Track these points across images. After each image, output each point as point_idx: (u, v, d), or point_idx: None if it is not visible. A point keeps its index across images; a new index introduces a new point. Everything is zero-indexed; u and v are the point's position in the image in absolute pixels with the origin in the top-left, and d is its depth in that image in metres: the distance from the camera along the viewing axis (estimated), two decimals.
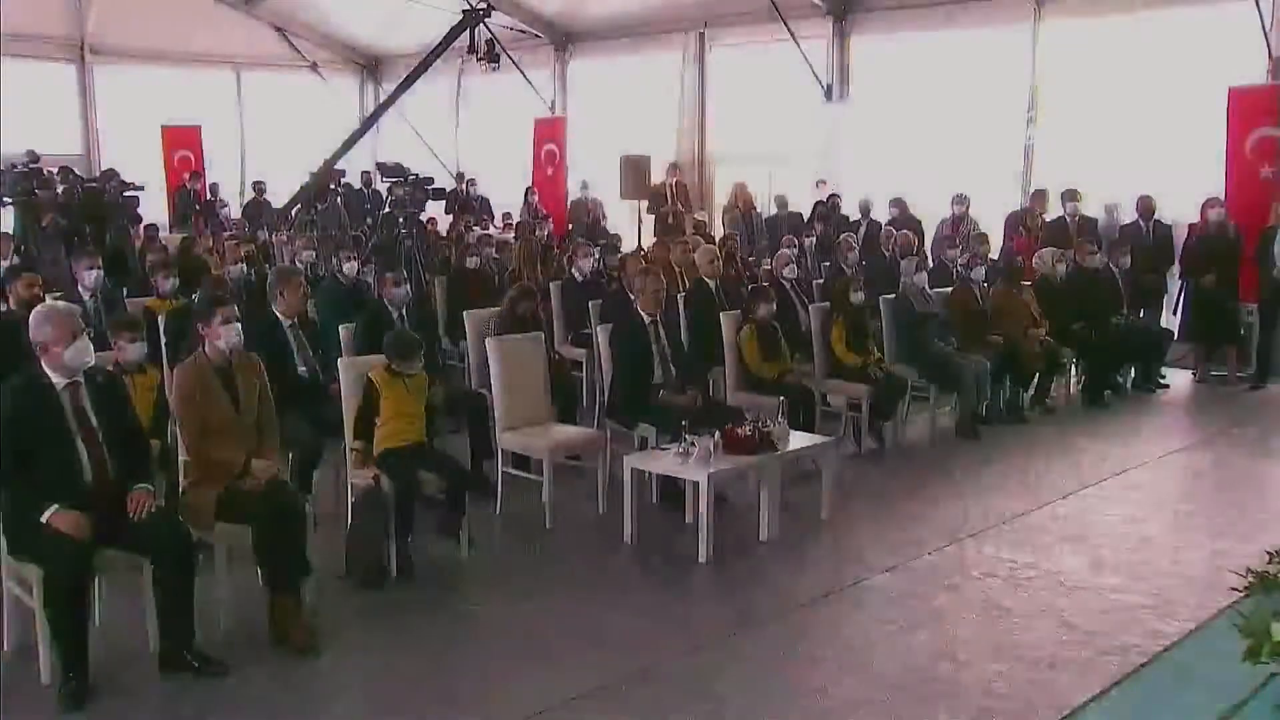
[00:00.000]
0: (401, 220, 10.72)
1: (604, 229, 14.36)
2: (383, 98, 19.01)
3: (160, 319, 7.24)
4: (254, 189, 16.61)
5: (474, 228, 14.15)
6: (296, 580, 4.68)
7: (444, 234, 14.24)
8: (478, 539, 5.75)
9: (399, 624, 4.90)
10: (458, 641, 4.76)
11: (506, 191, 16.69)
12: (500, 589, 5.33)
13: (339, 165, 15.22)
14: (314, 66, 20.40)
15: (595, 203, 15.35)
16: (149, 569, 4.32)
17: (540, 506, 6.26)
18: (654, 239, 13.32)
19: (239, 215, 15.60)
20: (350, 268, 8.27)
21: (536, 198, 16.00)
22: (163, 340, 7.06)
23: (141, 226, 12.77)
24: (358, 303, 7.97)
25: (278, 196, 16.11)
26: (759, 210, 14.11)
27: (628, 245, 12.79)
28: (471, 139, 19.11)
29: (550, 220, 15.05)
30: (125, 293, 8.46)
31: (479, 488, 6.39)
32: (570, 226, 15.01)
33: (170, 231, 14.71)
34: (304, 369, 6.30)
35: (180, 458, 4.93)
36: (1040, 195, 11.73)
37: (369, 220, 14.50)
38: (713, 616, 5.05)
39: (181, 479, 4.90)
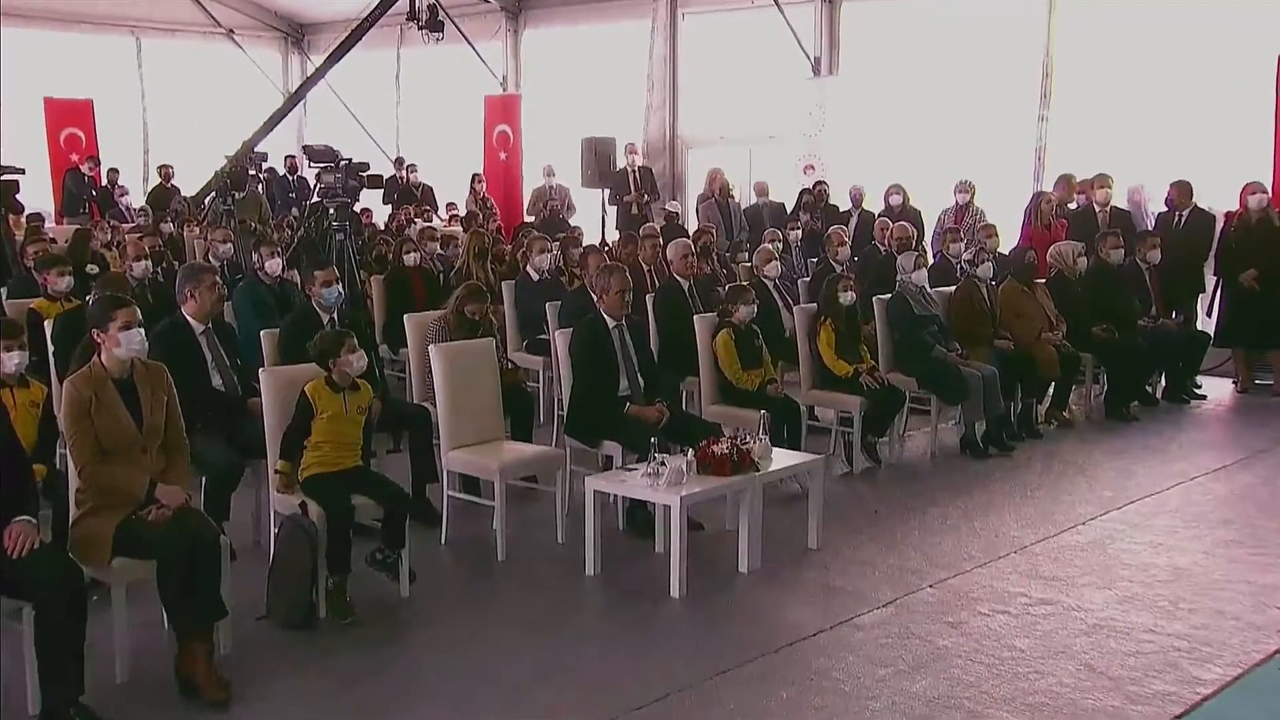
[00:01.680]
0: (332, 211, 10.65)
1: (564, 221, 14.33)
2: (310, 71, 18.93)
3: (48, 323, 7.14)
4: (160, 174, 16.46)
5: (416, 220, 14.12)
6: (208, 623, 4.63)
7: (381, 227, 14.20)
8: (420, 573, 5.71)
9: (329, 671, 4.85)
10: (397, 690, 4.71)
11: (453, 179, 16.66)
12: (446, 629, 5.29)
13: (260, 148, 15.13)
14: (230, 34, 20.26)
15: (562, 190, 15.32)
16: (30, 614, 4.22)
17: (491, 535, 6.23)
18: (617, 232, 13.32)
19: (142, 204, 15.44)
20: (273, 265, 8.22)
21: (485, 185, 15.96)
22: (50, 348, 6.96)
23: (23, 216, 12.62)
24: (282, 305, 7.94)
25: (188, 183, 15.98)
26: (737, 199, 14.14)
27: (591, 239, 12.78)
28: (412, 119, 19.08)
29: (497, 212, 15.02)
30: (4, 293, 8.35)
31: (422, 515, 6.34)
32: (533, 218, 14.98)
33: (58, 221, 14.56)
34: (219, 381, 6.25)
35: (71, 484, 4.85)
36: (1065, 181, 11.76)
37: (295, 211, 14.41)
38: (686, 658, 5.03)
39: (72, 509, 4.81)
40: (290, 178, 16.70)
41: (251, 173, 14.26)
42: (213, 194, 14.70)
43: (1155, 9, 11.98)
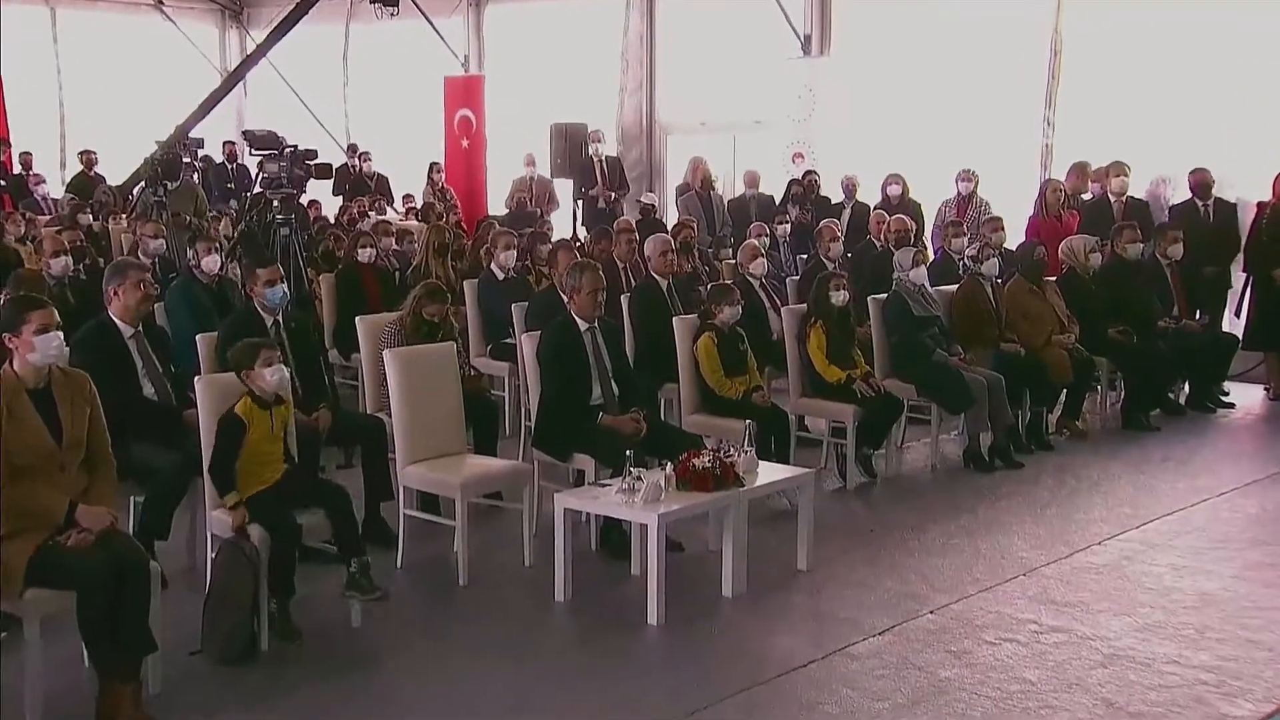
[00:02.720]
0: (276, 203, 10.58)
1: (531, 214, 14.29)
2: (250, 47, 18.83)
3: None
4: (80, 161, 16.31)
5: (369, 212, 14.06)
6: (136, 659, 4.58)
7: (331, 220, 14.14)
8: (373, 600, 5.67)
9: (273, 709, 4.81)
10: None
11: (409, 168, 16.61)
12: (402, 662, 5.27)
13: (195, 133, 15.01)
14: (159, 4, 20.11)
15: (543, 183, 15.27)
16: None
17: (452, 557, 6.22)
18: (584, 227, 13.32)
19: (61, 194, 15.30)
20: (210, 262, 8.18)
21: (444, 175, 15.92)
22: None
23: None
24: (220, 306, 7.91)
25: (113, 171, 15.84)
26: (719, 191, 14.15)
27: (562, 233, 12.76)
28: (365, 102, 19.00)
29: (458, 204, 14.98)
30: None
31: (375, 536, 6.32)
32: (506, 212, 14.93)
33: None
34: (151, 389, 6.20)
35: None
36: (1077, 169, 11.78)
37: (234, 203, 14.30)
38: (665, 691, 5.02)
39: None
40: (229, 166, 16.60)
41: (185, 160, 14.13)
42: (142, 184, 14.55)
43: None
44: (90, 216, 12.64)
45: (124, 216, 13.38)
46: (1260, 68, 11.34)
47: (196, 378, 5.88)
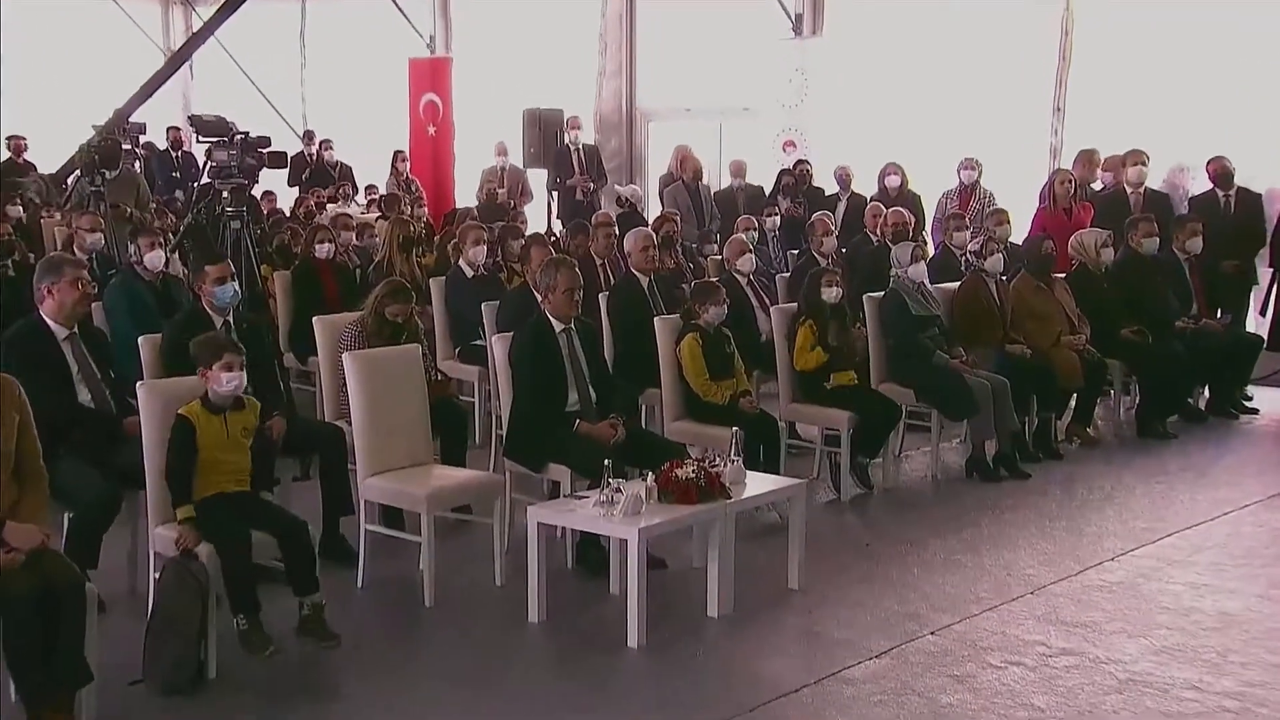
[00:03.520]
0: (226, 194, 10.55)
1: (503, 207, 14.28)
2: (196, 26, 18.76)
3: None
4: (9, 147, 16.21)
5: (327, 204, 14.03)
6: (69, 691, 4.55)
7: (287, 213, 14.11)
8: (333, 620, 5.62)
9: None
10: None
11: (371, 157, 16.58)
12: (363, 689, 5.25)
13: (136, 117, 14.95)
14: None
15: (516, 173, 15.26)
16: None
17: (417, 576, 6.20)
18: (559, 220, 13.30)
19: None
20: (154, 258, 8.15)
21: (409, 165, 15.90)
22: None
23: None
24: (165, 306, 7.87)
25: (45, 159, 15.76)
26: (707, 183, 14.15)
27: (536, 228, 12.74)
28: (323, 86, 18.96)
29: (424, 196, 14.95)
30: None
31: (334, 553, 6.32)
32: (476, 204, 14.91)
33: None
34: (87, 396, 6.17)
35: None
36: (1086, 157, 11.78)
37: (180, 193, 14.23)
38: (646, 718, 4.99)
39: None
40: (174, 154, 16.54)
41: (126, 147, 14.06)
42: (77, 172, 14.48)
43: None
44: (19, 208, 12.55)
45: (57, 208, 13.31)
46: None
47: (139, 383, 5.85)
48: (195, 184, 12.85)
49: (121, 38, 19.71)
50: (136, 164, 14.39)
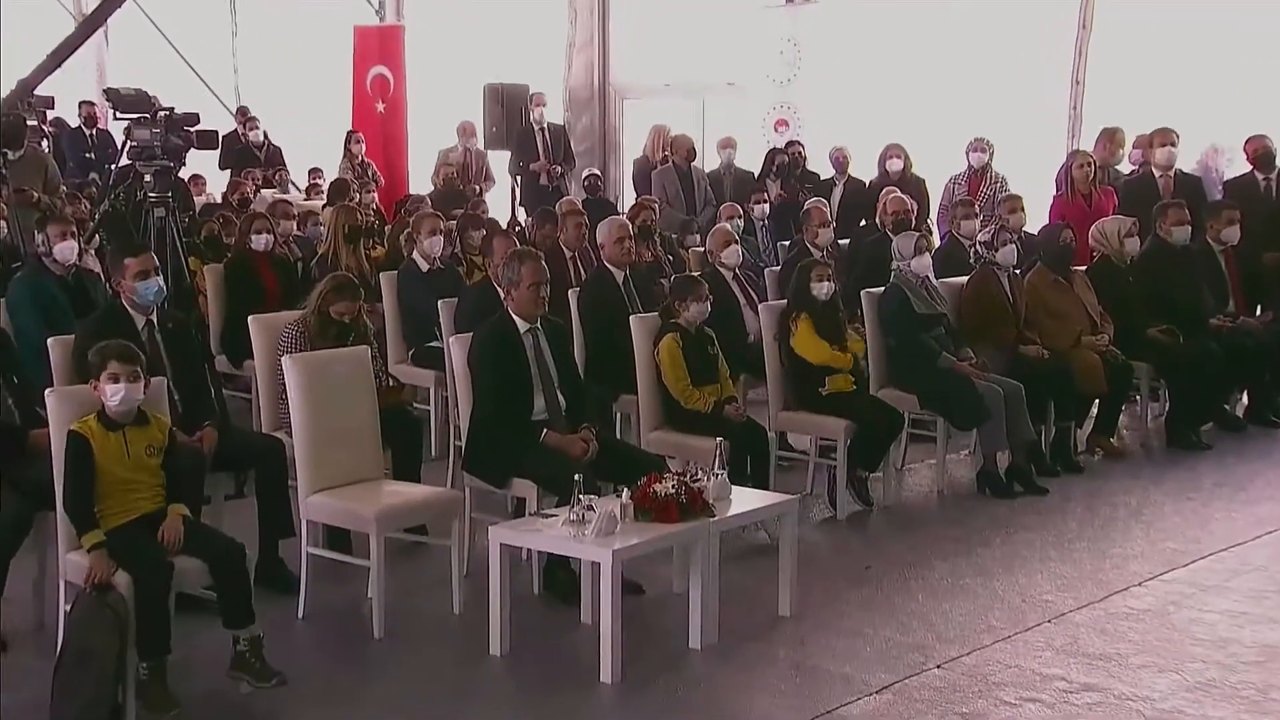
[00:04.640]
0: (149, 177, 10.50)
1: (462, 193, 14.29)
2: None
3: None
4: None
5: (264, 190, 13.99)
6: None
7: (218, 199, 14.07)
8: (270, 656, 5.61)
9: None
10: None
11: (314, 136, 16.55)
12: None
13: (43, 89, 14.86)
14: None
15: (479, 156, 15.25)
16: None
17: (366, 605, 6.20)
18: (523, 208, 13.30)
19: None
20: (65, 249, 8.09)
21: (363, 147, 15.88)
22: None
23: None
24: (79, 303, 7.84)
25: None
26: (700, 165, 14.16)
27: (499, 216, 12.75)
28: (258, 58, 18.92)
29: (381, 181, 14.94)
30: None
31: (272, 579, 6.31)
32: (431, 190, 14.91)
33: None
34: None
35: None
36: (1107, 136, 11.78)
37: (96, 176, 14.16)
38: None
39: None
40: (88, 132, 16.44)
41: (32, 123, 13.99)
42: None
43: None
44: None
45: None
46: None
47: (47, 390, 5.81)
48: (113, 166, 12.77)
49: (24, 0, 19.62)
50: (44, 143, 14.30)
